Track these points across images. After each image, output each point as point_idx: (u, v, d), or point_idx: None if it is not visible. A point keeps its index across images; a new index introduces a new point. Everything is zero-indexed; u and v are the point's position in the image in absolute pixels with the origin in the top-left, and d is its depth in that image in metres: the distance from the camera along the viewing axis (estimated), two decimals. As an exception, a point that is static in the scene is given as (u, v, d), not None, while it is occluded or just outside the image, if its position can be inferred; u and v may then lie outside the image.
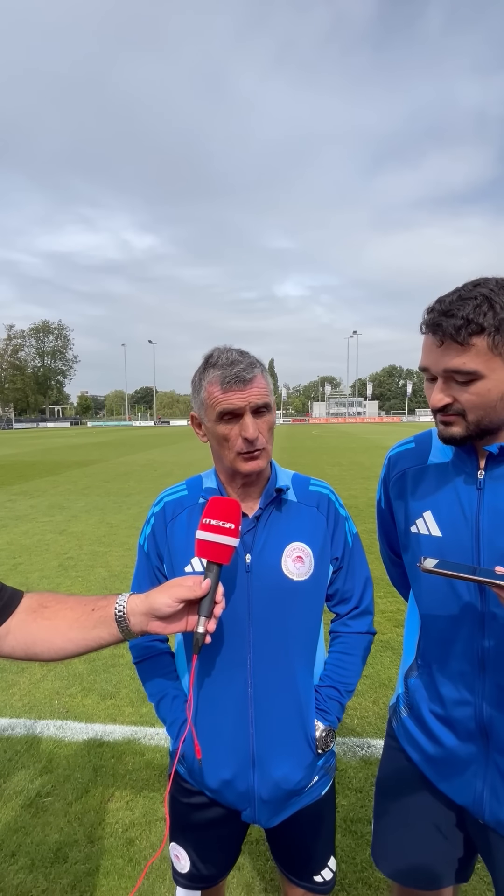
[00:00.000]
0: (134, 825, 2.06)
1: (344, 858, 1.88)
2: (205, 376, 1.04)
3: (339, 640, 1.20)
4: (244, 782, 1.08)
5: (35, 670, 3.32)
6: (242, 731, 1.07)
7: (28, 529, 7.13)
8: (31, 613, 0.90)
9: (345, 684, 1.15)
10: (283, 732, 1.08)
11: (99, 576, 5.12)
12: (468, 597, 0.99)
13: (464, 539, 0.99)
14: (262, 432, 1.03)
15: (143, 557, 1.19)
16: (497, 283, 0.88)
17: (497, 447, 0.95)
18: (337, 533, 1.16)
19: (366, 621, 1.21)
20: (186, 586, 0.88)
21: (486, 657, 0.98)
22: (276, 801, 1.10)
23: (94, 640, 0.89)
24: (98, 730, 2.68)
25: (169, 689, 1.17)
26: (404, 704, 1.15)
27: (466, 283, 0.91)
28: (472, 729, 1.00)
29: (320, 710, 1.12)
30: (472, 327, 0.85)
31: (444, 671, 1.04)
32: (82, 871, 1.85)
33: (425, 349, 0.93)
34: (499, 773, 0.98)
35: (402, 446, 1.18)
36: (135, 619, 0.88)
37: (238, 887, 1.80)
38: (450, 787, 1.06)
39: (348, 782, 2.25)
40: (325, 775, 1.18)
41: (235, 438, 1.02)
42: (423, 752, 1.09)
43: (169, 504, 1.16)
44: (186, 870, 1.20)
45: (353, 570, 1.19)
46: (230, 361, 1.01)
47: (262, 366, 1.06)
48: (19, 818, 2.10)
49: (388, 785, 1.20)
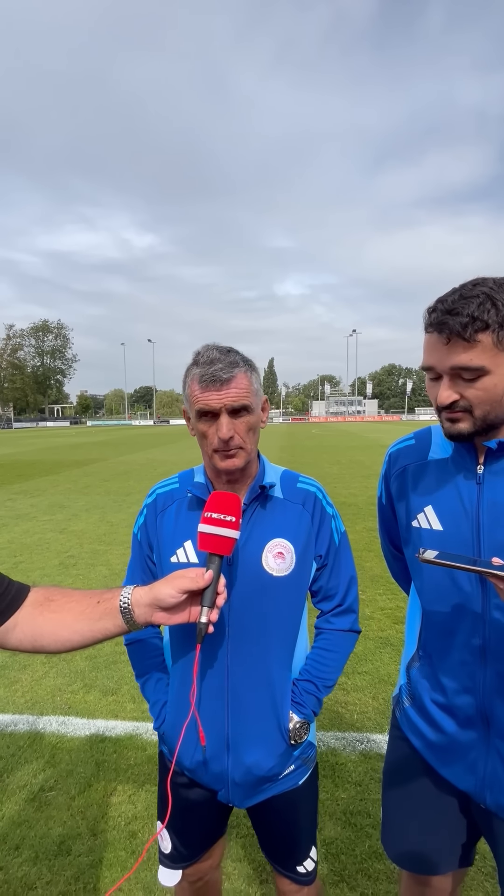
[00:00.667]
0: (136, 818, 2.08)
1: (344, 850, 1.91)
2: (189, 373, 1.06)
3: (322, 636, 1.22)
4: (218, 764, 1.12)
5: (37, 667, 3.34)
6: (219, 716, 1.11)
7: (29, 528, 7.15)
8: (38, 607, 0.92)
9: (322, 679, 1.17)
10: (257, 721, 1.11)
11: (100, 574, 5.14)
12: (469, 588, 1.01)
13: (464, 532, 1.01)
14: (238, 433, 1.03)
15: (136, 546, 1.23)
16: (495, 282, 0.91)
17: (496, 443, 0.97)
18: (322, 530, 1.17)
19: (349, 619, 1.23)
20: (189, 577, 0.90)
21: (487, 647, 1.00)
22: (248, 785, 1.14)
23: (100, 631, 0.91)
24: (100, 725, 2.70)
25: (154, 671, 1.22)
26: (407, 695, 1.17)
27: (465, 283, 0.93)
28: (472, 716, 1.03)
29: (296, 702, 1.15)
30: (478, 324, 0.87)
31: (445, 661, 1.06)
32: (86, 863, 1.87)
33: (429, 348, 0.95)
34: (500, 759, 1.01)
35: (402, 443, 1.20)
36: (139, 611, 0.90)
37: (239, 878, 1.82)
38: (452, 773, 1.09)
39: (348, 776, 2.27)
40: (302, 765, 1.20)
41: (213, 437, 1.04)
42: (425, 739, 1.12)
43: (160, 496, 1.20)
44: (168, 850, 1.24)
45: (338, 568, 1.20)
46: (210, 360, 1.02)
47: (248, 365, 1.06)
48: (23, 812, 2.12)
49: (393, 773, 1.23)
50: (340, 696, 2.90)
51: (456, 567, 0.87)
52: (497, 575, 0.83)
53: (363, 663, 3.27)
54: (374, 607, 4.16)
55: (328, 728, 2.63)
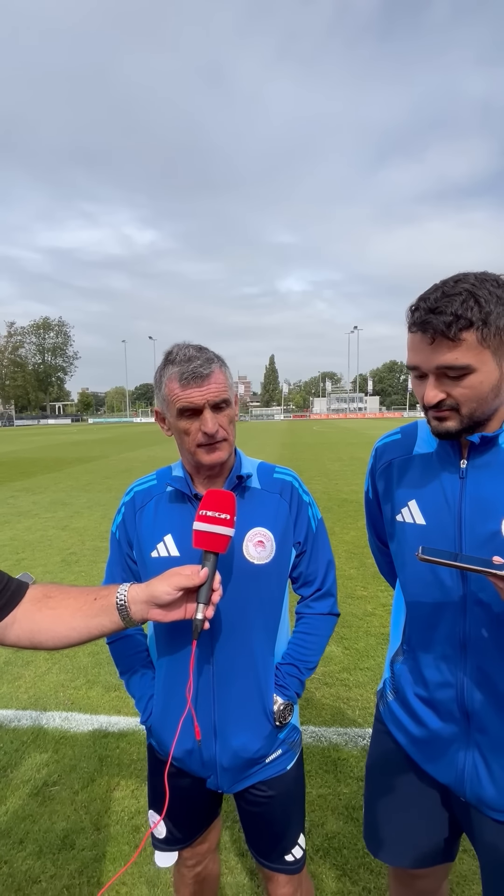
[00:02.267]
0: (139, 813, 2.09)
1: (346, 845, 1.92)
2: (164, 373, 1.06)
3: (303, 620, 1.25)
4: (207, 751, 1.14)
5: (40, 663, 3.36)
6: (205, 703, 1.13)
7: (31, 525, 7.17)
8: (36, 603, 0.93)
9: (304, 662, 1.20)
10: (242, 705, 1.13)
11: (101, 571, 5.10)
12: (451, 583, 1.02)
13: (447, 526, 1.02)
14: (222, 426, 1.06)
15: (115, 545, 1.24)
16: (476, 277, 0.90)
17: (479, 437, 0.98)
18: (300, 518, 1.20)
19: (328, 602, 1.26)
20: (185, 575, 0.91)
21: (468, 640, 1.01)
22: (235, 769, 1.16)
23: (97, 627, 0.92)
24: (103, 721, 2.71)
25: (137, 666, 1.24)
26: (390, 689, 1.18)
27: (447, 280, 0.92)
28: (453, 710, 1.04)
29: (279, 685, 1.18)
30: (462, 322, 0.87)
31: (427, 655, 1.08)
32: (89, 857, 1.89)
33: (414, 348, 0.94)
34: (479, 752, 1.02)
35: (388, 437, 1.21)
36: (136, 608, 0.91)
37: (243, 871, 1.84)
38: (434, 767, 1.09)
39: (350, 771, 2.28)
40: (288, 750, 1.22)
41: (196, 433, 1.05)
42: (408, 733, 1.13)
43: (138, 493, 1.22)
44: (163, 835, 1.26)
45: (316, 553, 1.23)
46: (188, 357, 1.03)
47: (221, 361, 1.09)
48: (27, 807, 2.14)
49: (376, 769, 1.24)
50: (342, 693, 2.91)
51: (455, 566, 0.86)
52: (497, 574, 0.83)
53: (365, 659, 3.28)
54: (376, 603, 4.17)
55: (330, 724, 2.63)
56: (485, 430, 0.98)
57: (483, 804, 1.02)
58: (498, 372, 0.92)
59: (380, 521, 1.22)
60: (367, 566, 4.99)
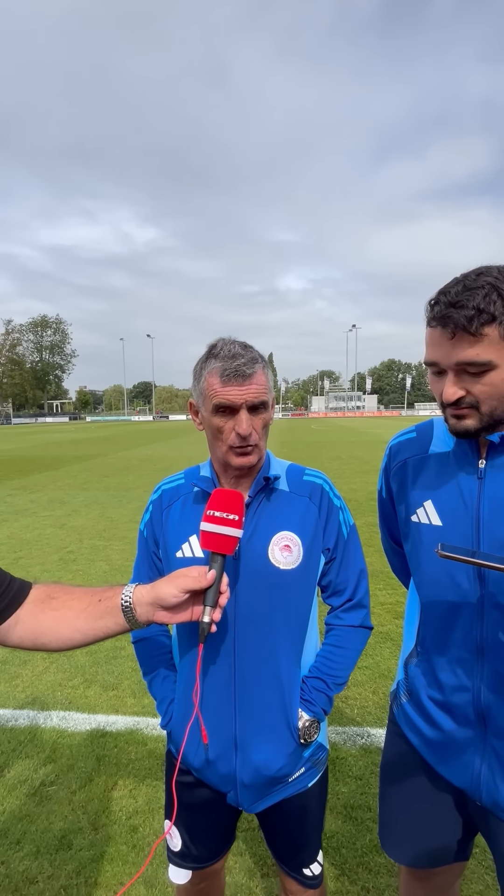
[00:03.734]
0: (137, 813, 2.08)
1: (345, 844, 1.91)
2: (206, 366, 1.03)
3: (332, 632, 1.20)
4: (226, 765, 1.09)
5: (37, 662, 3.35)
6: (226, 714, 1.08)
7: (28, 524, 7.15)
8: (40, 604, 0.91)
9: (333, 677, 1.14)
10: (265, 719, 1.08)
11: (100, 569, 5.14)
12: (467, 585, 0.99)
13: (464, 528, 0.99)
14: (255, 429, 1.03)
15: (142, 543, 1.22)
16: (500, 270, 0.87)
17: (498, 436, 0.95)
18: (330, 523, 1.15)
19: (359, 615, 1.20)
20: (192, 577, 0.89)
21: (485, 644, 0.98)
22: (257, 787, 1.11)
23: (101, 629, 0.90)
24: (101, 720, 2.70)
25: (161, 669, 1.20)
26: (404, 690, 1.16)
27: (468, 273, 0.89)
28: (469, 714, 1.02)
29: (305, 700, 1.12)
30: (484, 317, 0.84)
31: (443, 658, 1.05)
32: (87, 857, 1.88)
33: (433, 343, 0.91)
34: (496, 757, 1.00)
35: (403, 436, 1.18)
36: (141, 609, 0.89)
37: (241, 872, 1.83)
38: (448, 770, 1.08)
39: (348, 770, 2.28)
40: (311, 767, 1.17)
41: (229, 432, 1.02)
42: (422, 736, 1.11)
43: (166, 492, 1.19)
44: (178, 848, 1.23)
45: (347, 561, 1.18)
46: (232, 354, 1.00)
47: (264, 361, 1.06)
48: (24, 807, 2.13)
49: (390, 769, 1.22)
50: (341, 692, 2.90)
51: (475, 563, 0.85)
52: None
53: (363, 658, 3.27)
54: (374, 602, 4.17)
55: (329, 723, 2.63)
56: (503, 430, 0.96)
57: (500, 809, 1.00)
58: None
59: (394, 520, 1.20)
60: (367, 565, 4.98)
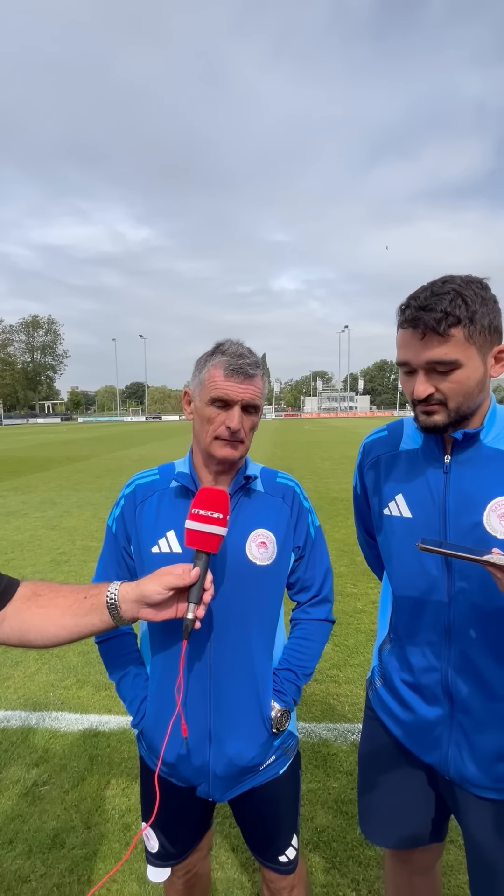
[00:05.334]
0: (130, 811, 2.10)
1: (335, 838, 1.94)
2: (212, 359, 1.08)
3: (299, 626, 1.25)
4: (200, 757, 1.12)
5: (29, 663, 3.34)
6: (201, 707, 1.11)
7: (20, 525, 7.11)
8: (26, 601, 0.92)
9: (302, 668, 1.20)
10: (239, 711, 1.12)
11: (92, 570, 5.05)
12: (436, 572, 1.06)
13: (432, 519, 1.06)
14: (244, 427, 1.08)
15: (110, 538, 1.21)
16: (462, 279, 0.95)
17: (461, 433, 1.02)
18: (300, 523, 1.21)
19: (324, 609, 1.26)
20: (176, 574, 0.91)
21: (452, 627, 1.05)
22: (229, 777, 1.14)
23: (87, 626, 0.91)
24: (93, 720, 2.71)
25: (129, 668, 1.21)
26: (378, 676, 1.22)
27: (435, 281, 0.97)
28: (438, 693, 1.08)
29: (277, 690, 1.17)
30: (451, 319, 0.91)
31: (413, 642, 1.11)
32: (80, 855, 1.89)
33: (404, 344, 0.98)
34: (462, 733, 1.06)
35: (375, 434, 1.25)
36: (126, 607, 0.91)
37: (233, 867, 1.85)
38: (420, 748, 1.13)
39: (339, 766, 2.31)
40: (282, 755, 1.21)
41: (219, 424, 1.06)
42: (396, 718, 1.16)
43: (140, 487, 1.19)
44: (156, 849, 1.25)
45: (314, 559, 1.24)
46: (239, 353, 1.06)
47: (265, 370, 1.12)
48: (16, 807, 2.13)
49: (367, 755, 1.27)
50: (332, 689, 2.94)
51: (455, 556, 0.90)
52: (494, 564, 0.86)
53: (354, 655, 3.31)
54: (366, 600, 4.21)
55: (320, 720, 2.66)
56: (467, 427, 1.03)
57: (466, 782, 1.07)
58: (483, 368, 0.97)
59: (368, 514, 1.26)
60: (357, 564, 5.03)
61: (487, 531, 0.99)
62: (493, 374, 0.99)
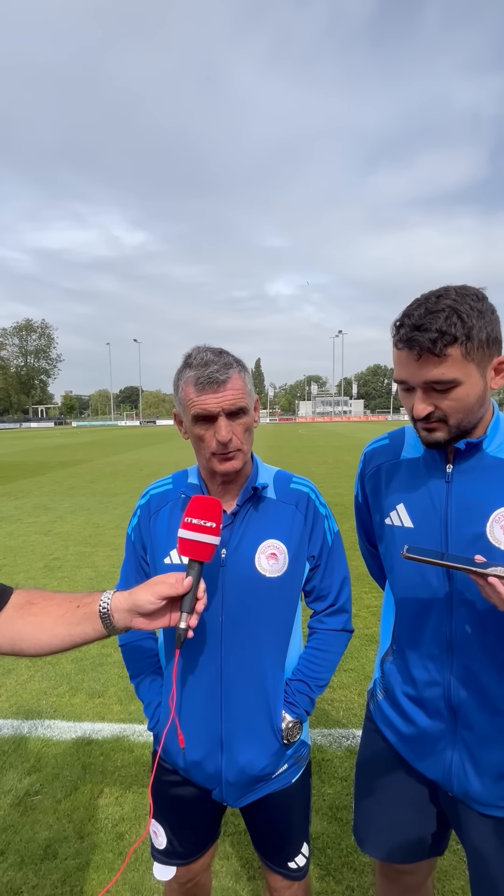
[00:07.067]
0: (123, 820, 2.08)
1: (330, 844, 1.93)
2: (182, 376, 1.05)
3: (315, 636, 1.23)
4: (212, 764, 1.12)
5: (22, 671, 3.31)
6: (213, 716, 1.11)
7: (13, 531, 7.05)
8: (19, 610, 0.92)
9: (315, 679, 1.18)
10: (250, 721, 1.12)
11: (85, 576, 5.10)
12: (437, 583, 1.04)
13: (433, 529, 1.04)
14: (236, 434, 1.04)
15: (130, 548, 1.23)
16: (457, 292, 0.92)
17: (464, 443, 1.00)
18: (315, 531, 1.18)
19: (341, 619, 1.24)
20: (168, 583, 0.90)
21: (454, 640, 1.04)
22: (241, 785, 1.14)
23: (79, 635, 0.91)
24: (86, 728, 2.69)
25: (148, 672, 1.22)
26: (380, 688, 1.21)
27: (429, 296, 0.94)
28: (441, 708, 1.06)
29: (289, 702, 1.16)
30: (447, 338, 0.89)
31: (415, 654, 1.10)
32: (72, 866, 1.87)
33: (401, 363, 0.96)
34: (466, 748, 1.05)
35: (376, 443, 1.23)
36: (119, 616, 0.90)
37: (227, 875, 1.84)
38: (422, 763, 1.12)
39: (334, 772, 2.30)
40: (294, 764, 1.21)
41: (210, 440, 1.04)
42: (397, 731, 1.15)
43: (154, 497, 1.20)
44: (163, 846, 1.24)
45: (331, 568, 1.21)
46: (205, 362, 1.01)
47: (241, 365, 1.06)
48: (7, 817, 2.10)
49: (366, 766, 1.26)
50: (326, 694, 2.93)
51: (438, 564, 0.89)
52: (476, 572, 0.86)
53: (348, 661, 3.31)
54: (360, 605, 4.21)
55: (314, 725, 2.65)
56: (470, 437, 1.01)
57: (469, 798, 1.05)
58: (482, 383, 0.95)
59: (369, 524, 1.24)
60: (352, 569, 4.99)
61: (491, 542, 0.97)
62: (494, 386, 0.97)
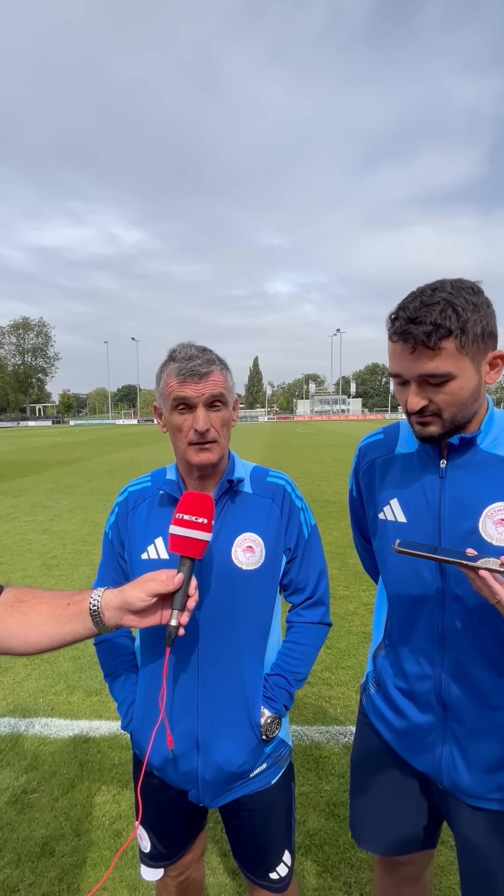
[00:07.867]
0: (121, 817, 2.07)
1: (327, 841, 1.94)
2: (165, 368, 1.07)
3: (293, 629, 1.23)
4: (187, 763, 1.11)
5: (19, 669, 3.30)
6: (189, 713, 1.10)
7: (10, 529, 7.03)
8: (8, 608, 0.91)
9: (293, 673, 1.17)
10: (228, 717, 1.10)
11: (83, 574, 5.09)
12: (430, 578, 1.04)
13: (426, 524, 1.04)
14: (214, 426, 1.05)
15: (107, 545, 1.22)
16: (452, 285, 0.91)
17: (458, 438, 1.00)
18: (291, 524, 1.18)
19: (319, 611, 1.23)
20: (159, 581, 0.90)
21: (446, 634, 1.04)
22: (218, 783, 1.12)
23: (69, 633, 0.90)
24: (84, 726, 2.68)
25: (121, 670, 1.21)
26: (373, 682, 1.21)
27: (424, 289, 0.93)
28: (432, 701, 1.07)
29: (267, 697, 1.15)
30: (442, 332, 0.88)
31: (408, 648, 1.10)
32: (69, 863, 1.86)
33: (395, 356, 0.96)
34: (456, 741, 1.05)
35: (371, 438, 1.23)
36: (109, 613, 0.90)
37: (225, 872, 1.84)
38: (413, 756, 1.13)
39: (331, 769, 2.31)
40: (273, 764, 1.19)
41: (188, 429, 1.05)
42: (389, 725, 1.16)
43: (132, 494, 1.20)
44: (148, 849, 1.24)
45: (307, 560, 1.21)
46: (188, 356, 1.04)
47: (223, 364, 1.08)
48: (4, 815, 2.10)
49: (360, 760, 1.26)
50: (324, 691, 2.93)
51: (429, 558, 0.89)
52: (467, 565, 0.86)
53: (346, 658, 3.31)
54: (358, 603, 4.22)
55: (312, 722, 2.66)
56: (464, 432, 1.00)
57: (459, 791, 1.06)
58: (477, 377, 0.94)
59: (363, 519, 1.24)
60: (350, 566, 5.04)
61: (483, 537, 0.97)
62: (488, 380, 0.96)
